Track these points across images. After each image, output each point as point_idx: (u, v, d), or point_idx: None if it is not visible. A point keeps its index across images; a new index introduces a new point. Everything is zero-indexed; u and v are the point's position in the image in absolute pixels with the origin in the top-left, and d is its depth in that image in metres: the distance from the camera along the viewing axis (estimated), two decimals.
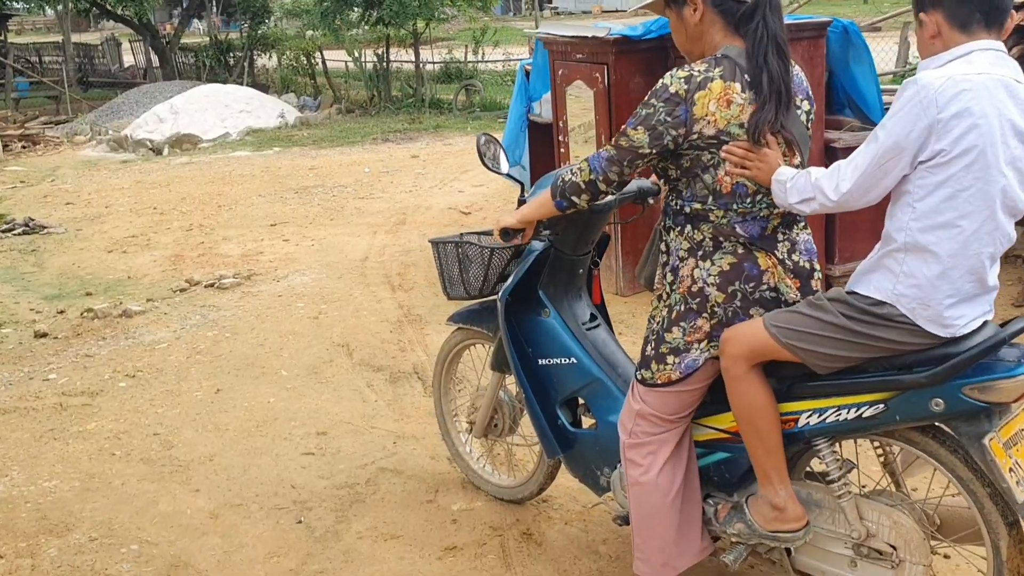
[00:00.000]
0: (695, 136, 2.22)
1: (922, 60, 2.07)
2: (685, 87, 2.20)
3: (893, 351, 2.10)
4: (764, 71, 2.19)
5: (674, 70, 2.25)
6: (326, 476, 3.62)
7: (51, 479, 3.69)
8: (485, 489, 3.38)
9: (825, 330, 2.12)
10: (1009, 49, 4.78)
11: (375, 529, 3.23)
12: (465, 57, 19.09)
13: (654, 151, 2.26)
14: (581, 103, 5.41)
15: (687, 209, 2.32)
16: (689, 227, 2.33)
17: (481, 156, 2.97)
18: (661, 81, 2.25)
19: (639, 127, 2.26)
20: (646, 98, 2.27)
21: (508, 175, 3.10)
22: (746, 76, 2.21)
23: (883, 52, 12.37)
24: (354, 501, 3.42)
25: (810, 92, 2.38)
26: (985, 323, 2.09)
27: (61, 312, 5.88)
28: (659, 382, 2.40)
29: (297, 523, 3.29)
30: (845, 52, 5.27)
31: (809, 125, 2.35)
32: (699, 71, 2.22)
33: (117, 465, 3.79)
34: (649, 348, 2.44)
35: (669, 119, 2.22)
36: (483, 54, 18.84)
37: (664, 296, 2.42)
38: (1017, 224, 2.08)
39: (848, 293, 2.14)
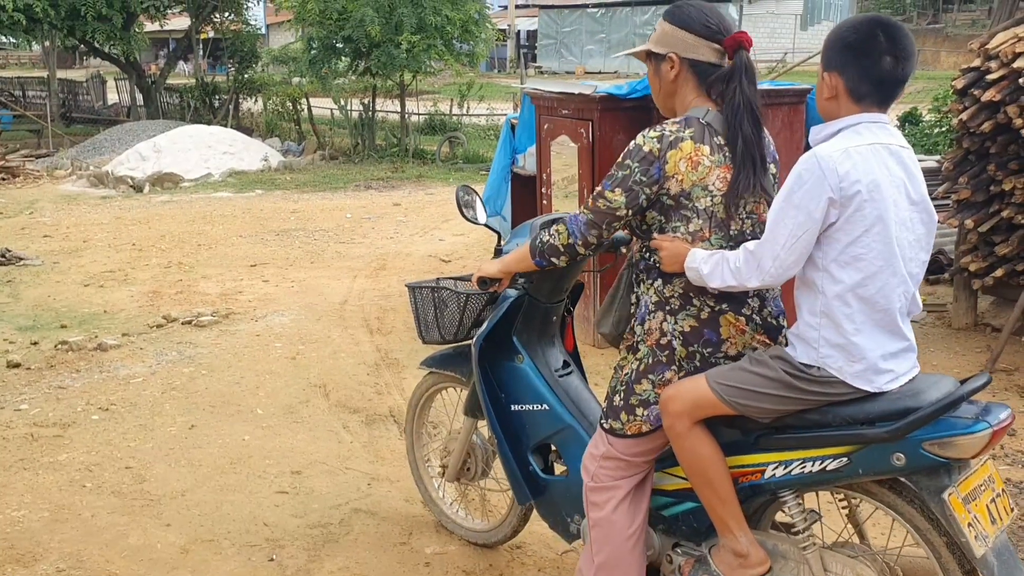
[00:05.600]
0: (663, 192, 2.30)
1: (820, 115, 2.23)
2: (658, 146, 2.29)
3: (830, 402, 2.20)
4: (739, 135, 2.27)
5: (646, 130, 2.33)
6: (299, 515, 3.62)
7: (19, 509, 3.67)
8: (458, 533, 3.41)
9: (767, 387, 2.21)
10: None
11: (347, 569, 3.23)
12: (450, 110, 19.38)
13: (630, 212, 2.33)
14: (565, 157, 5.55)
15: (660, 264, 2.38)
16: (660, 281, 2.38)
17: (459, 206, 3.06)
18: (633, 142, 2.33)
19: (616, 189, 2.32)
20: (620, 159, 2.34)
21: (486, 225, 3.19)
22: (716, 139, 2.29)
23: None
24: (327, 541, 3.43)
25: (776, 156, 2.49)
26: (942, 380, 2.19)
27: (35, 343, 5.85)
28: (629, 433, 2.44)
29: (269, 561, 3.29)
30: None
31: (776, 187, 2.44)
32: (671, 131, 2.30)
33: (87, 497, 3.78)
34: (617, 399, 2.47)
35: (644, 178, 2.29)
36: (468, 108, 19.14)
37: (633, 348, 2.46)
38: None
39: (786, 350, 2.24)
